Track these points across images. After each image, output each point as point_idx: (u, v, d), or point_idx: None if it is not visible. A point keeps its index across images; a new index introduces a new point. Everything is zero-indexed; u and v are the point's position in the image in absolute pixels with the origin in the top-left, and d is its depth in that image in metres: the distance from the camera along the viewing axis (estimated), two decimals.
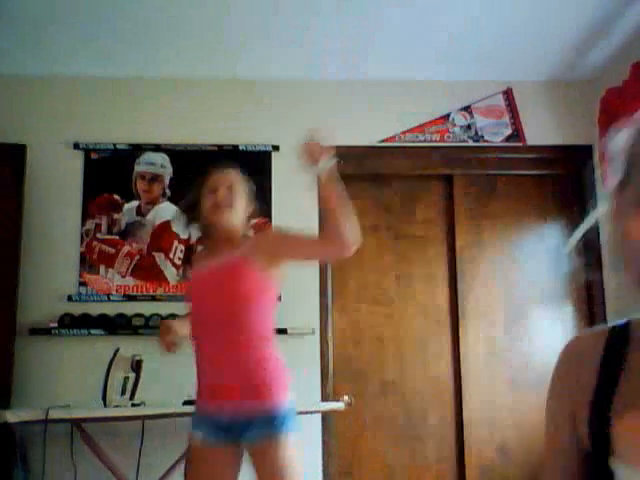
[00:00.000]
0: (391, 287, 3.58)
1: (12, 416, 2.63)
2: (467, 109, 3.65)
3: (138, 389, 2.96)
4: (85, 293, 3.36)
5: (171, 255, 3.43)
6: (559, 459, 0.87)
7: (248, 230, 2.28)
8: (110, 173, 3.48)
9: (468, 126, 3.64)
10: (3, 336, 3.22)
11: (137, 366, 2.99)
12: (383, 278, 3.58)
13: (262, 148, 3.52)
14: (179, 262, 3.42)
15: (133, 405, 2.91)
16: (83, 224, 3.42)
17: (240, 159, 3.50)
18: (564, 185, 3.67)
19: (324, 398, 3.34)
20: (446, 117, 3.64)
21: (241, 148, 3.52)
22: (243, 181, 2.28)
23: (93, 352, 3.22)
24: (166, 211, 3.47)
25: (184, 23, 3.12)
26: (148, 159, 3.51)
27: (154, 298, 3.37)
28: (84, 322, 3.29)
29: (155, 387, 3.04)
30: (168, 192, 3.49)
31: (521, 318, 3.54)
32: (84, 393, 3.06)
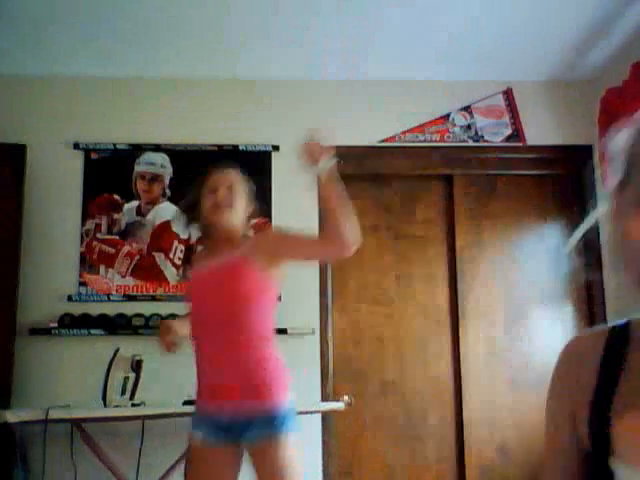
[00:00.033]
0: (391, 287, 3.58)
1: (12, 416, 2.63)
2: (467, 109, 3.65)
3: (138, 389, 2.96)
4: (85, 293, 3.36)
5: (171, 255, 3.43)
6: (559, 459, 0.87)
7: (248, 230, 2.28)
8: (110, 173, 3.48)
9: (468, 126, 3.64)
10: (3, 336, 3.22)
11: (137, 366, 2.99)
12: (383, 278, 3.58)
13: (262, 148, 3.52)
14: (179, 262, 3.42)
15: (133, 405, 2.91)
16: (83, 224, 3.42)
17: (240, 159, 3.50)
18: (564, 185, 3.67)
19: (324, 398, 3.34)
20: (446, 117, 3.64)
21: (241, 148, 3.53)
22: (243, 181, 2.28)
23: (93, 352, 3.22)
24: (166, 211, 3.47)
25: (184, 23, 3.12)
26: (148, 159, 3.51)
27: (154, 298, 3.38)
28: (84, 322, 3.29)
29: (155, 387, 3.04)
30: (168, 192, 3.49)
31: (521, 318, 3.54)
32: (84, 393, 3.06)
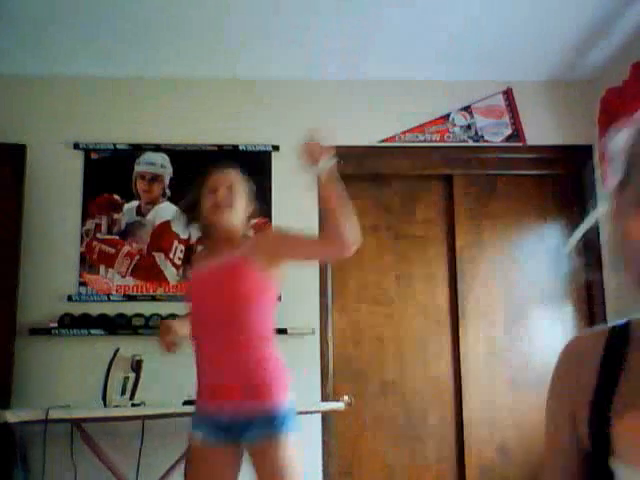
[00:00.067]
0: (391, 287, 3.58)
1: (12, 416, 2.63)
2: (467, 109, 3.65)
3: (138, 389, 2.96)
4: (85, 293, 3.36)
5: (171, 255, 3.43)
6: (559, 459, 0.87)
7: (248, 230, 2.28)
8: (110, 173, 3.48)
9: (468, 126, 3.64)
10: (3, 336, 3.22)
11: (137, 366, 2.99)
12: (383, 278, 3.58)
13: (262, 148, 3.52)
14: (179, 262, 3.42)
15: (133, 405, 2.91)
16: (83, 224, 3.42)
17: (240, 159, 3.51)
18: (564, 185, 3.67)
19: (324, 398, 3.34)
20: (446, 117, 3.64)
21: (241, 148, 3.52)
22: (243, 181, 2.28)
23: (93, 352, 3.22)
24: (166, 211, 3.47)
25: (184, 23, 3.12)
26: (148, 159, 3.51)
27: (154, 298, 3.38)
28: (84, 322, 3.29)
29: (155, 387, 3.04)
30: (168, 192, 3.49)
31: (521, 318, 3.54)
32: (84, 393, 3.06)
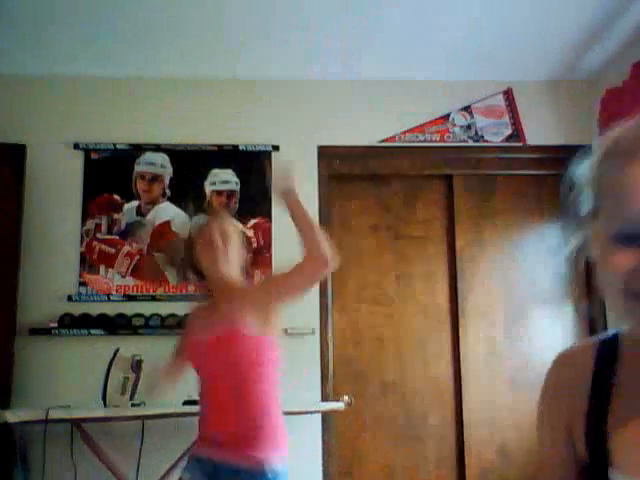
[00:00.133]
0: (391, 287, 3.58)
1: (12, 416, 2.64)
2: (467, 109, 3.65)
3: (138, 389, 2.96)
4: (85, 293, 3.36)
5: None
6: (557, 471, 0.88)
7: (245, 277, 2.25)
8: (110, 173, 3.47)
9: (468, 126, 3.64)
10: (3, 336, 3.22)
11: (137, 366, 2.99)
12: (383, 278, 3.58)
13: (262, 148, 3.52)
14: (179, 262, 3.42)
15: (133, 405, 2.91)
16: (83, 224, 3.42)
17: (240, 159, 3.51)
18: None
19: (324, 398, 3.34)
20: (446, 117, 3.64)
21: (241, 148, 3.52)
22: (236, 228, 2.27)
23: (93, 352, 3.22)
24: (166, 211, 3.47)
25: (184, 23, 3.12)
26: (148, 159, 3.51)
27: (154, 298, 3.37)
28: (84, 322, 3.29)
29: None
30: (168, 192, 3.49)
31: (521, 318, 3.54)
32: (84, 393, 3.06)
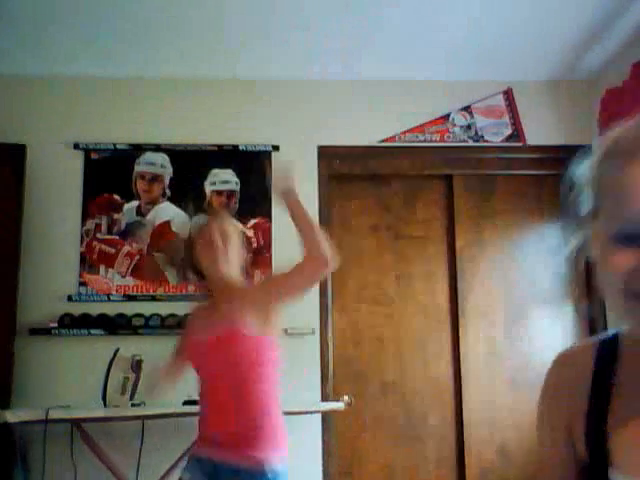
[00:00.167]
0: (391, 287, 3.58)
1: (12, 416, 2.64)
2: (467, 109, 3.65)
3: (138, 389, 2.96)
4: (85, 293, 3.36)
5: None
6: (557, 471, 0.88)
7: (245, 277, 2.25)
8: (110, 173, 3.47)
9: (468, 126, 3.64)
10: (3, 336, 3.22)
11: (137, 366, 2.99)
12: (383, 278, 3.58)
13: (262, 148, 3.52)
14: (179, 262, 3.42)
15: (133, 405, 2.91)
16: (83, 224, 3.42)
17: (240, 159, 3.51)
18: None
19: (324, 398, 3.34)
20: (446, 117, 3.64)
21: (241, 148, 3.52)
22: (236, 228, 2.27)
23: (93, 352, 3.22)
24: (166, 211, 3.47)
25: (184, 23, 3.12)
26: (148, 159, 3.50)
27: (154, 298, 3.37)
28: (84, 322, 3.29)
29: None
30: (168, 192, 3.49)
31: (521, 318, 3.54)
32: (84, 393, 3.06)
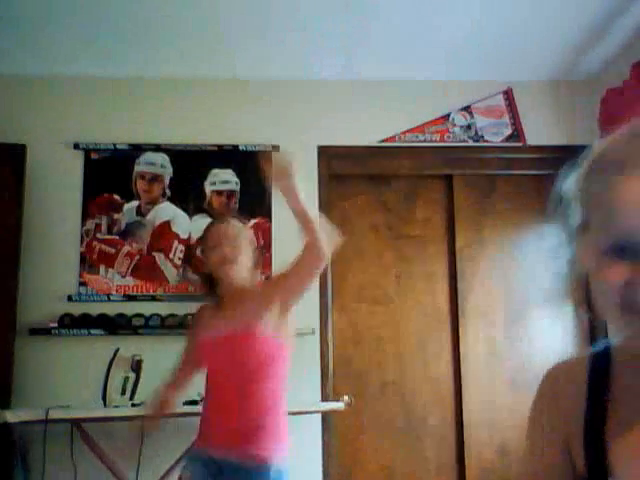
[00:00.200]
0: (391, 287, 3.58)
1: (12, 416, 2.64)
2: (467, 109, 3.65)
3: (138, 389, 2.96)
4: (85, 293, 3.35)
5: (171, 255, 3.43)
6: None
7: (255, 278, 2.25)
8: (110, 173, 3.47)
9: (468, 126, 3.64)
10: (3, 336, 3.22)
11: (137, 366, 2.99)
12: (383, 278, 3.58)
13: (262, 148, 3.52)
14: (179, 262, 3.42)
15: (133, 405, 2.92)
16: (83, 224, 3.42)
17: (240, 159, 3.51)
18: None
19: (324, 398, 3.34)
20: (446, 117, 3.64)
21: (241, 148, 3.52)
22: (244, 230, 2.26)
23: (93, 352, 3.22)
24: (166, 211, 3.47)
25: (183, 23, 3.11)
26: (148, 159, 3.50)
27: (154, 298, 3.37)
28: (84, 322, 3.29)
29: (155, 387, 3.04)
30: (168, 192, 3.49)
31: (521, 318, 3.54)
32: (84, 393, 3.06)
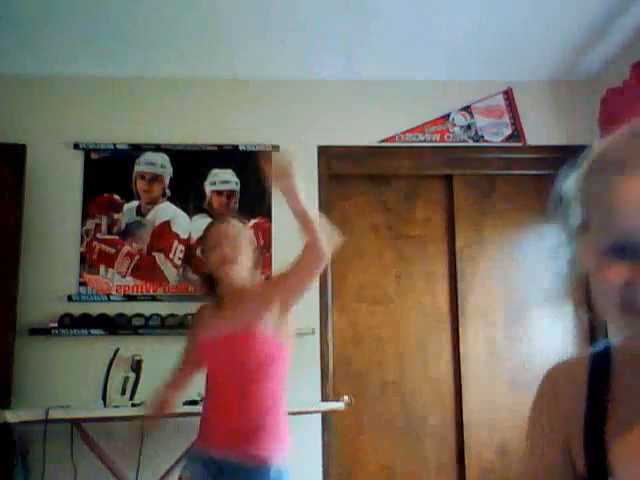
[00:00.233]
0: (391, 287, 3.58)
1: (12, 416, 2.64)
2: (467, 109, 3.65)
3: (138, 389, 2.96)
4: (85, 293, 3.35)
5: (171, 255, 3.43)
6: None
7: (255, 278, 2.25)
8: (110, 173, 3.47)
9: (468, 126, 3.64)
10: (3, 336, 3.22)
11: (137, 366, 2.99)
12: (383, 278, 3.58)
13: (262, 148, 3.52)
14: (179, 262, 3.42)
15: (133, 405, 2.92)
16: (83, 224, 3.42)
17: (240, 159, 3.51)
18: None
19: (324, 398, 3.34)
20: (446, 117, 3.64)
21: (241, 148, 3.52)
22: (244, 230, 2.26)
23: (93, 352, 3.22)
24: (166, 211, 3.47)
25: (184, 23, 3.11)
26: (148, 159, 3.50)
27: (154, 298, 3.37)
28: (84, 322, 3.29)
29: (155, 387, 3.04)
30: (168, 192, 3.49)
31: (521, 318, 3.54)
32: (84, 393, 3.06)
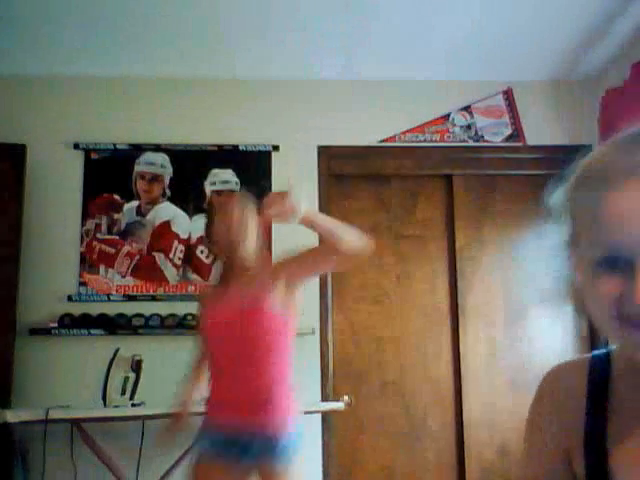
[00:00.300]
0: (391, 287, 3.58)
1: (12, 416, 2.64)
2: (467, 109, 3.65)
3: (138, 389, 2.96)
4: (85, 293, 3.36)
5: (171, 255, 3.43)
6: None
7: (262, 255, 2.25)
8: (110, 173, 3.48)
9: (468, 126, 3.64)
10: (3, 336, 3.22)
11: (137, 366, 2.99)
12: (383, 278, 3.58)
13: (262, 148, 3.52)
14: (179, 262, 3.42)
15: (133, 405, 2.92)
16: (83, 224, 3.42)
17: (240, 159, 3.51)
18: None
19: (324, 398, 3.34)
20: (446, 117, 3.64)
21: (241, 148, 3.52)
22: (252, 206, 2.24)
23: (93, 352, 3.22)
24: (166, 211, 3.47)
25: (184, 23, 3.11)
26: (148, 159, 3.51)
27: (154, 298, 3.37)
28: (84, 322, 3.29)
29: (155, 387, 3.04)
30: (168, 192, 3.49)
31: (521, 318, 3.54)
32: (84, 393, 3.06)
